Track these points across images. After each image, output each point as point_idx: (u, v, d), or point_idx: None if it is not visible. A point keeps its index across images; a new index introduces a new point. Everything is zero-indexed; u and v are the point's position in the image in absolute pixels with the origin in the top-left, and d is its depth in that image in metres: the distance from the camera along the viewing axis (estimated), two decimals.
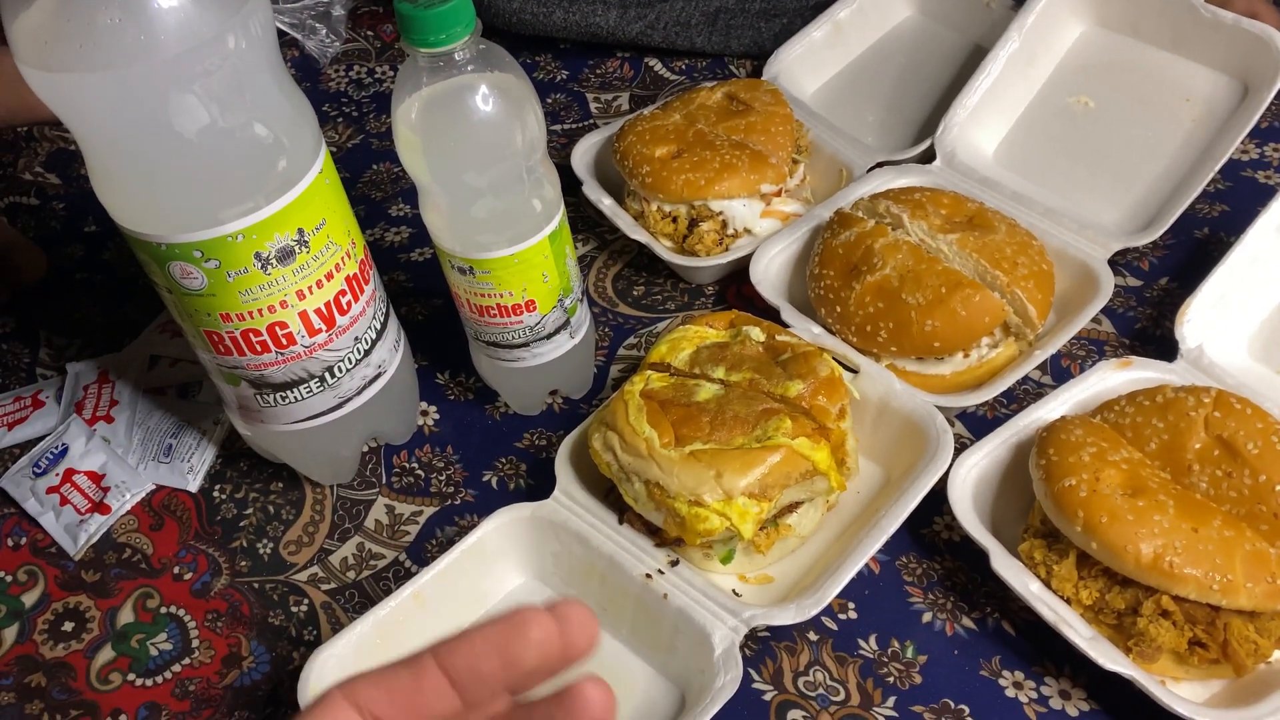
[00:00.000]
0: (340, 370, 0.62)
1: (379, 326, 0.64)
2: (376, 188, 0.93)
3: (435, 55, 0.55)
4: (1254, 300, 0.66)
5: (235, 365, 0.60)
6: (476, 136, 0.57)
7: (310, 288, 0.58)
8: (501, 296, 0.63)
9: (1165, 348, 0.67)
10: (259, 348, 0.59)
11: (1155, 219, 0.73)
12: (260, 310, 0.57)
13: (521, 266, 0.62)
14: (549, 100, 1.00)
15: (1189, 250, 0.77)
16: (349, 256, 0.60)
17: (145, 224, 0.54)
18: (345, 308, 0.61)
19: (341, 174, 0.97)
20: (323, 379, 0.62)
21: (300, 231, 0.56)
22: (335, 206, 0.59)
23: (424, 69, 0.56)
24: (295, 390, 0.61)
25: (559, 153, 0.92)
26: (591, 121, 0.97)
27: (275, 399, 0.62)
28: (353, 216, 0.62)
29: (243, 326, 0.58)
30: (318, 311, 0.59)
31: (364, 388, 0.64)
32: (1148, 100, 0.78)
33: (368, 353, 0.63)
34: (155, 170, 0.52)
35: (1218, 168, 0.72)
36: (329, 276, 0.59)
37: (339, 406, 0.63)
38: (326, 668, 0.56)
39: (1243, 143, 0.72)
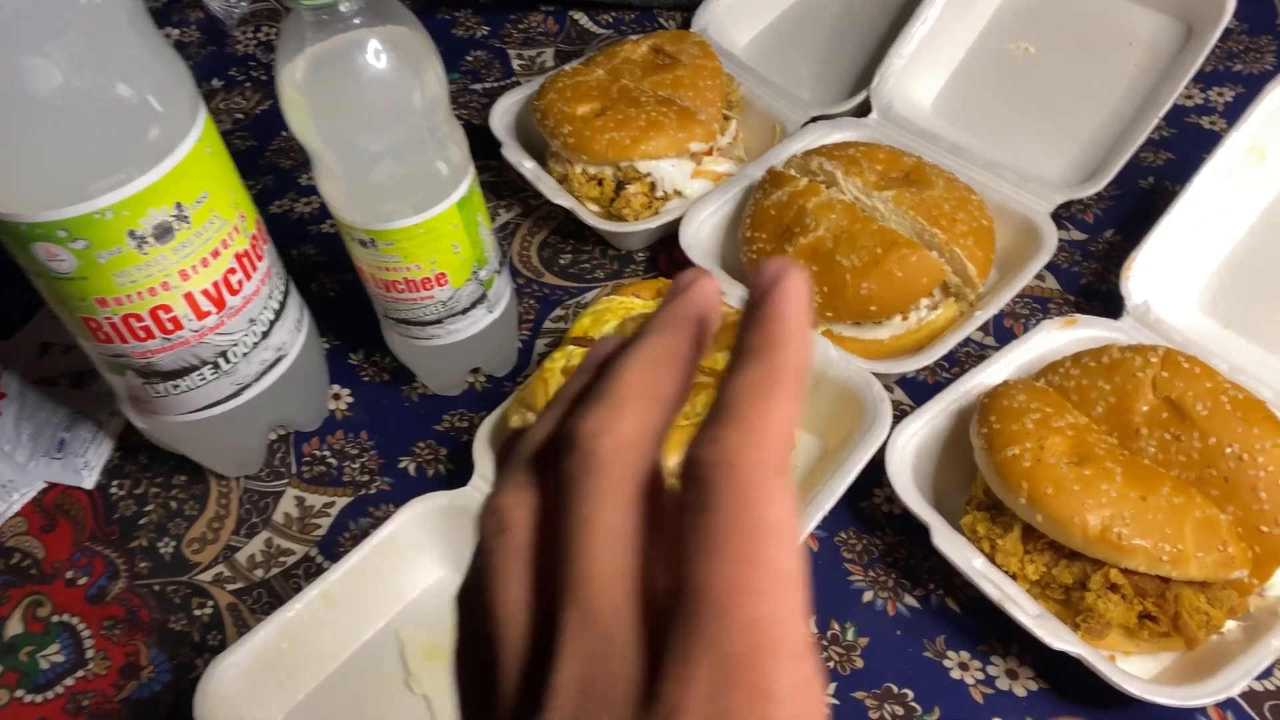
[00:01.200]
0: (235, 355, 0.57)
1: (277, 306, 0.59)
2: (286, 155, 0.87)
3: (319, 8, 0.50)
4: (1201, 252, 0.64)
5: (119, 353, 0.55)
6: (369, 97, 0.52)
7: (195, 267, 0.53)
8: (409, 270, 0.59)
9: (1112, 303, 0.64)
10: (142, 334, 0.54)
11: (1099, 169, 0.70)
12: (140, 293, 0.52)
13: (429, 237, 0.57)
14: (469, 57, 0.95)
15: (1135, 201, 0.74)
16: (238, 231, 0.56)
17: (2, 202, 0.48)
18: (236, 287, 0.56)
19: (249, 142, 0.92)
20: (217, 365, 0.57)
21: (179, 206, 0.51)
22: (219, 177, 0.54)
23: (308, 24, 0.50)
24: (187, 378, 0.57)
25: (479, 114, 0.87)
26: (514, 79, 0.92)
27: (166, 388, 0.57)
28: (242, 188, 0.57)
29: (122, 311, 0.53)
30: (205, 293, 0.54)
31: (264, 372, 0.60)
32: (1089, 45, 0.75)
33: (266, 335, 0.59)
34: (8, 141, 0.47)
35: (1162, 114, 0.69)
36: (215, 254, 0.54)
37: (237, 394, 0.59)
38: (227, 678, 0.52)
39: (1187, 87, 0.69)
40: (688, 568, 0.20)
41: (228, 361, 0.57)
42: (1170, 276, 0.63)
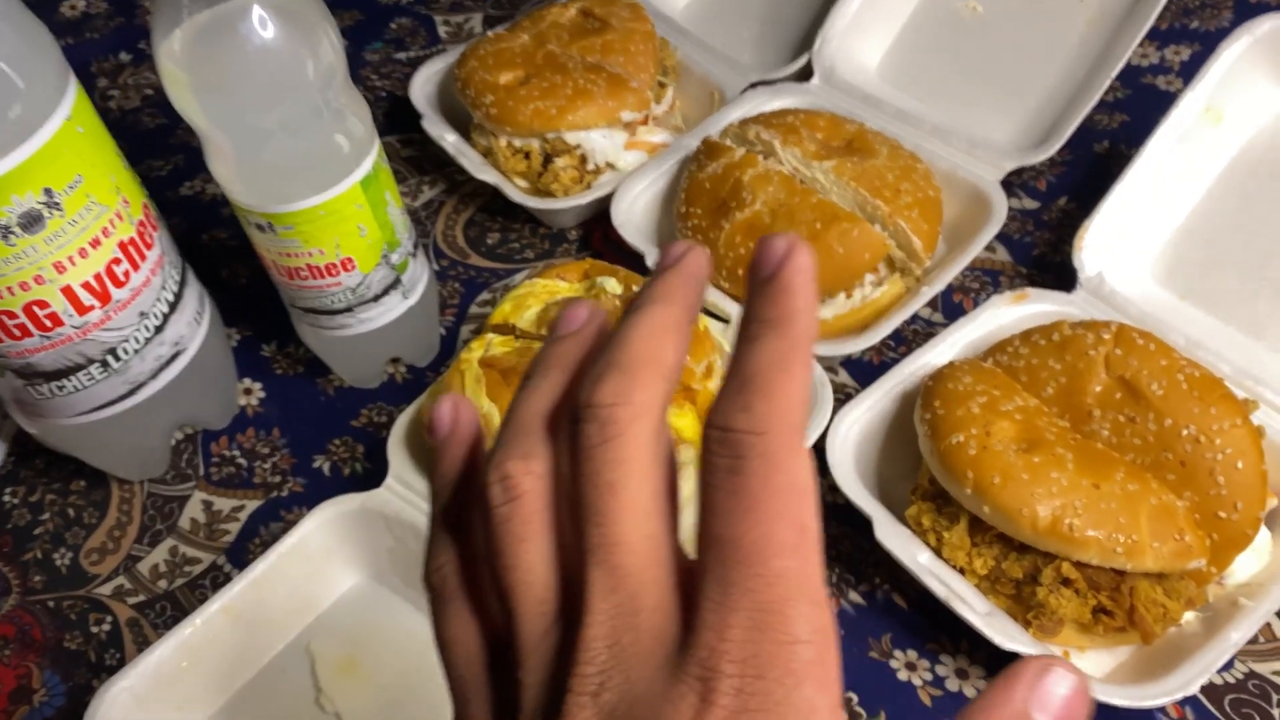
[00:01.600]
0: (126, 352, 0.53)
1: (171, 297, 0.55)
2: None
3: None
4: (1156, 220, 0.60)
5: None
6: (256, 69, 0.47)
7: (71, 258, 0.49)
8: (311, 255, 0.54)
9: (1066, 275, 0.61)
10: (17, 332, 0.49)
11: (1051, 133, 0.67)
12: (10, 288, 0.48)
13: (331, 219, 0.53)
14: (392, 25, 0.89)
15: (1088, 166, 0.71)
16: (121, 218, 0.51)
17: None
18: (122, 279, 0.51)
19: (159, 119, 0.86)
20: (105, 363, 0.52)
21: (48, 192, 0.47)
22: (95, 159, 0.49)
23: None
24: (73, 378, 0.52)
25: (404, 85, 0.83)
26: (441, 47, 0.87)
27: (50, 389, 0.52)
28: (125, 170, 0.52)
29: None
30: (86, 286, 0.50)
31: (160, 369, 0.55)
32: (1039, 2, 0.71)
33: (160, 329, 0.54)
34: None
35: (1115, 74, 0.66)
36: (95, 244, 0.50)
37: (131, 393, 0.55)
38: (119, 704, 0.48)
39: (1142, 46, 0.66)
40: (721, 524, 0.22)
41: (117, 359, 0.53)
42: (1125, 246, 0.60)
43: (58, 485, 0.61)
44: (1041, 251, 0.66)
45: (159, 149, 0.81)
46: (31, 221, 0.47)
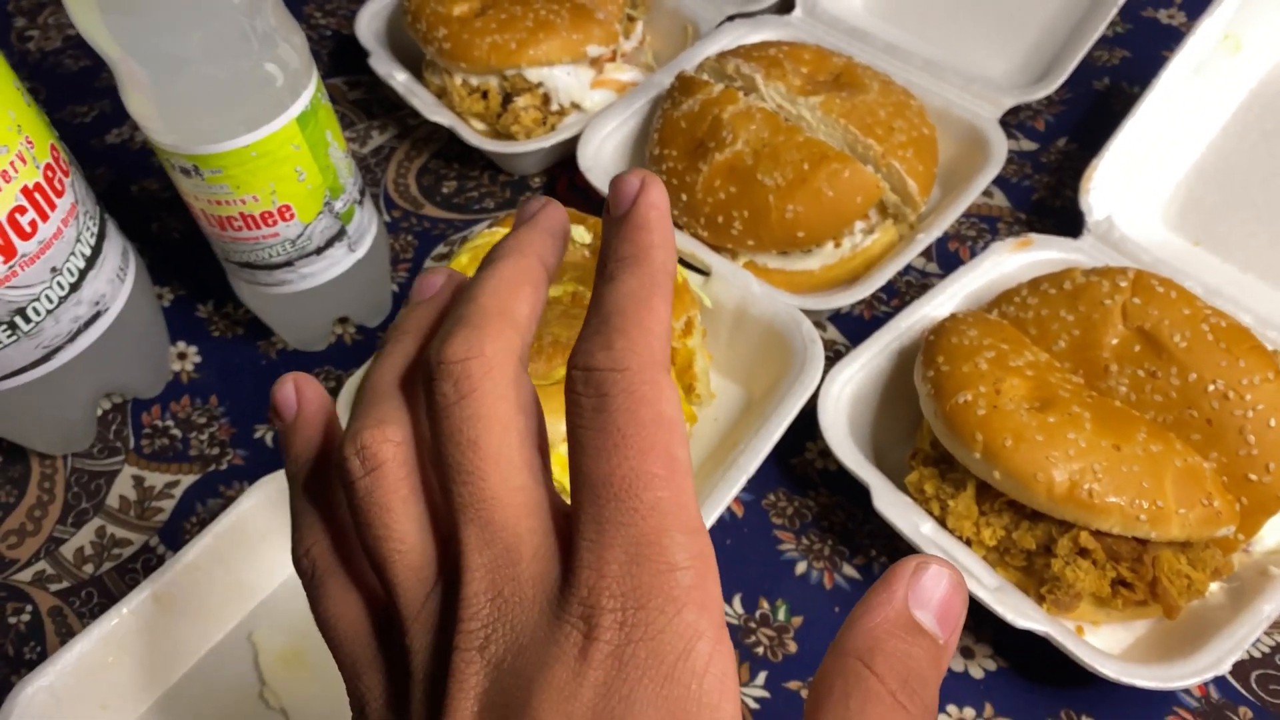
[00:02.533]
0: (37, 312, 0.47)
1: (88, 252, 0.49)
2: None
3: None
4: (1167, 160, 0.56)
5: None
6: None
7: None
8: (244, 203, 0.48)
9: (1068, 221, 0.56)
10: None
11: (1050, 70, 0.62)
12: None
13: (264, 161, 0.47)
14: None
15: (1089, 105, 0.67)
16: (23, 160, 0.45)
17: None
18: (28, 230, 0.46)
19: (82, 62, 0.79)
20: (13, 325, 0.47)
21: None
22: None
23: None
24: None
25: (348, 22, 0.76)
26: None
27: None
28: (28, 106, 0.46)
29: None
30: None
31: (78, 332, 0.50)
32: None
33: (75, 286, 0.48)
34: None
35: (1118, 7, 0.61)
36: None
37: (46, 359, 0.49)
38: (35, 704, 0.43)
39: None
40: (592, 463, 0.22)
41: (27, 320, 0.47)
42: (1135, 188, 0.55)
43: None
44: (1041, 196, 0.62)
45: (83, 93, 0.75)
46: None
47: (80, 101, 0.74)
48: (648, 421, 0.22)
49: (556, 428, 0.43)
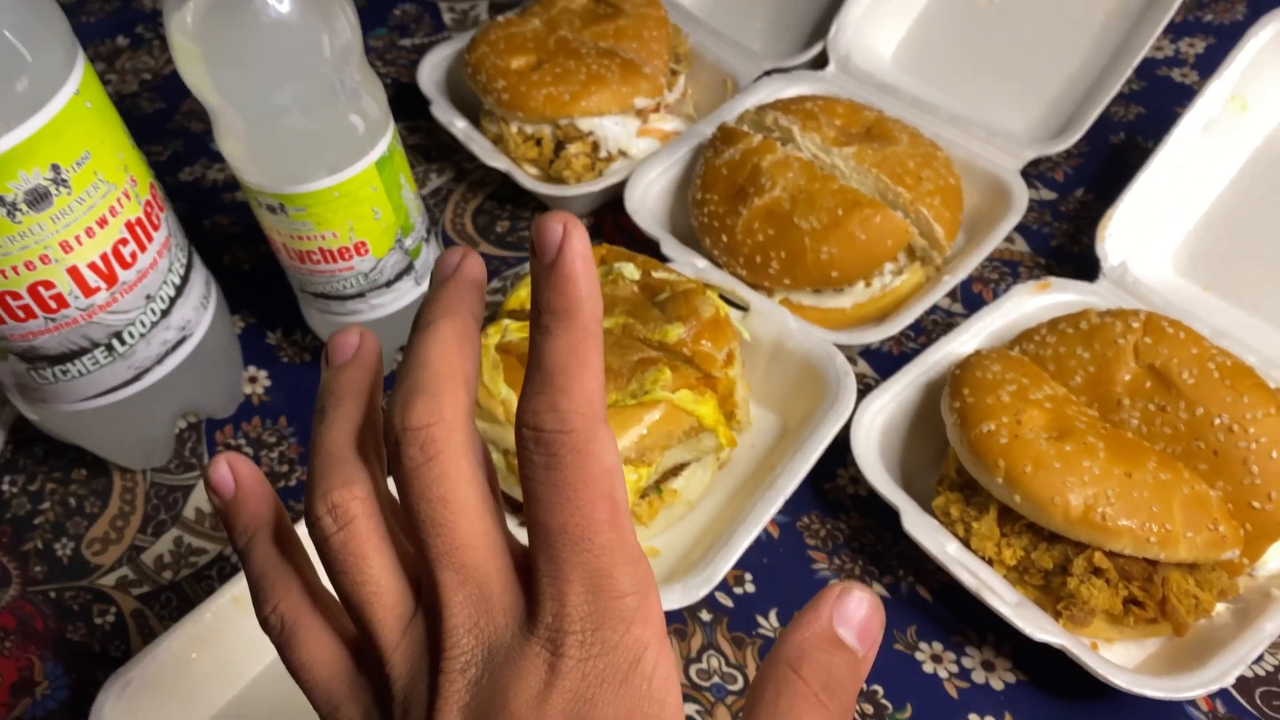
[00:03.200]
0: (132, 336, 0.52)
1: (178, 281, 0.54)
2: (197, 118, 0.81)
3: None
4: (1178, 210, 0.60)
5: None
6: (271, 43, 0.46)
7: (78, 237, 0.47)
8: (324, 239, 0.53)
9: (1084, 266, 0.60)
10: (21, 313, 0.48)
11: (1069, 124, 0.66)
12: (15, 268, 0.46)
13: (345, 201, 0.52)
14: (396, 11, 0.88)
15: (1105, 158, 0.70)
16: (128, 197, 0.50)
17: None
18: (129, 260, 0.50)
19: (157, 104, 0.85)
20: (110, 347, 0.51)
21: (55, 168, 0.45)
22: (103, 136, 0.48)
23: None
24: (77, 362, 0.51)
25: (408, 71, 0.81)
26: (445, 34, 0.86)
27: (54, 374, 0.51)
28: (133, 148, 0.51)
29: None
30: (93, 266, 0.48)
31: (166, 355, 0.54)
32: None
33: (166, 313, 0.53)
34: None
35: (1134, 66, 0.65)
36: (102, 223, 0.48)
37: (136, 379, 0.53)
38: (126, 696, 0.46)
39: (1157, 38, 0.65)
40: (547, 514, 0.25)
41: (123, 343, 0.51)
42: (1148, 236, 0.59)
43: (58, 474, 0.60)
44: (1060, 242, 0.66)
45: (158, 134, 0.80)
46: (38, 198, 0.45)
47: (155, 142, 0.79)
48: (593, 474, 0.25)
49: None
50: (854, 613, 0.27)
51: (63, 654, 0.53)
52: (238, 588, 0.49)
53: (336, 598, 0.29)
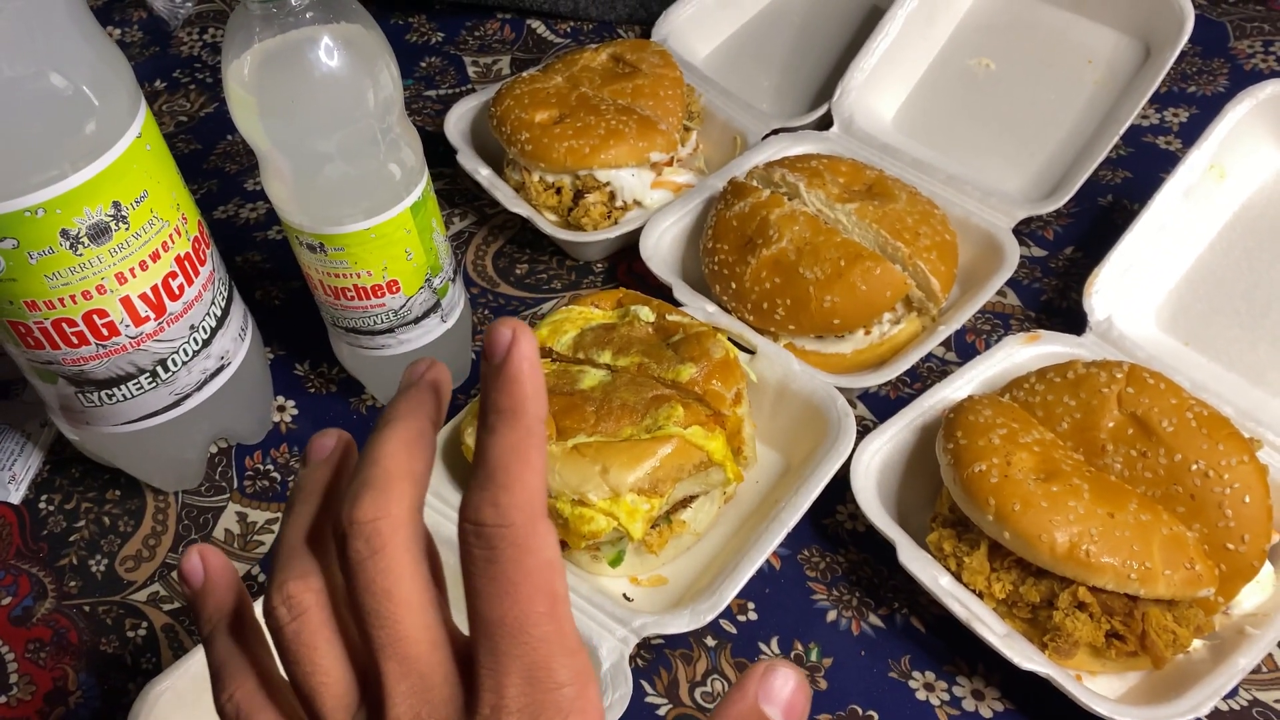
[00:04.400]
0: (175, 363, 0.55)
1: (219, 313, 0.57)
2: (231, 160, 0.85)
3: (268, 1, 0.48)
4: (1161, 270, 0.64)
5: (49, 360, 0.52)
6: (320, 95, 0.50)
7: (133, 270, 0.51)
8: (359, 277, 0.56)
9: (1072, 320, 0.63)
10: (75, 340, 0.51)
11: (1059, 186, 0.70)
12: (73, 297, 0.50)
13: (380, 242, 0.55)
14: (422, 64, 0.93)
15: (1093, 218, 0.74)
16: (179, 234, 0.53)
17: None
18: (177, 292, 0.53)
19: (193, 145, 0.89)
20: (155, 373, 0.54)
21: (116, 205, 0.49)
22: (160, 176, 0.52)
23: (257, 18, 0.49)
24: (123, 387, 0.54)
25: (433, 120, 0.85)
26: (470, 87, 0.90)
27: (100, 397, 0.54)
28: (184, 188, 0.55)
29: (54, 315, 0.50)
30: (144, 297, 0.52)
31: (205, 382, 0.57)
32: (1050, 62, 0.75)
33: (207, 343, 0.56)
34: None
35: (1121, 132, 0.69)
36: (155, 257, 0.52)
37: (176, 404, 0.56)
38: (161, 704, 0.49)
39: (1143, 107, 0.69)
40: (487, 607, 0.26)
41: (166, 370, 0.55)
42: (1132, 293, 0.63)
43: (93, 494, 0.63)
44: (1049, 297, 0.69)
45: (193, 174, 0.84)
46: (99, 233, 0.49)
47: (190, 181, 0.82)
48: (532, 569, 0.26)
49: (623, 477, 0.51)
50: (779, 690, 0.28)
51: (96, 665, 0.55)
52: None
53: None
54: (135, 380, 0.54)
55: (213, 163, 0.85)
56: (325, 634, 0.28)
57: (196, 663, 0.50)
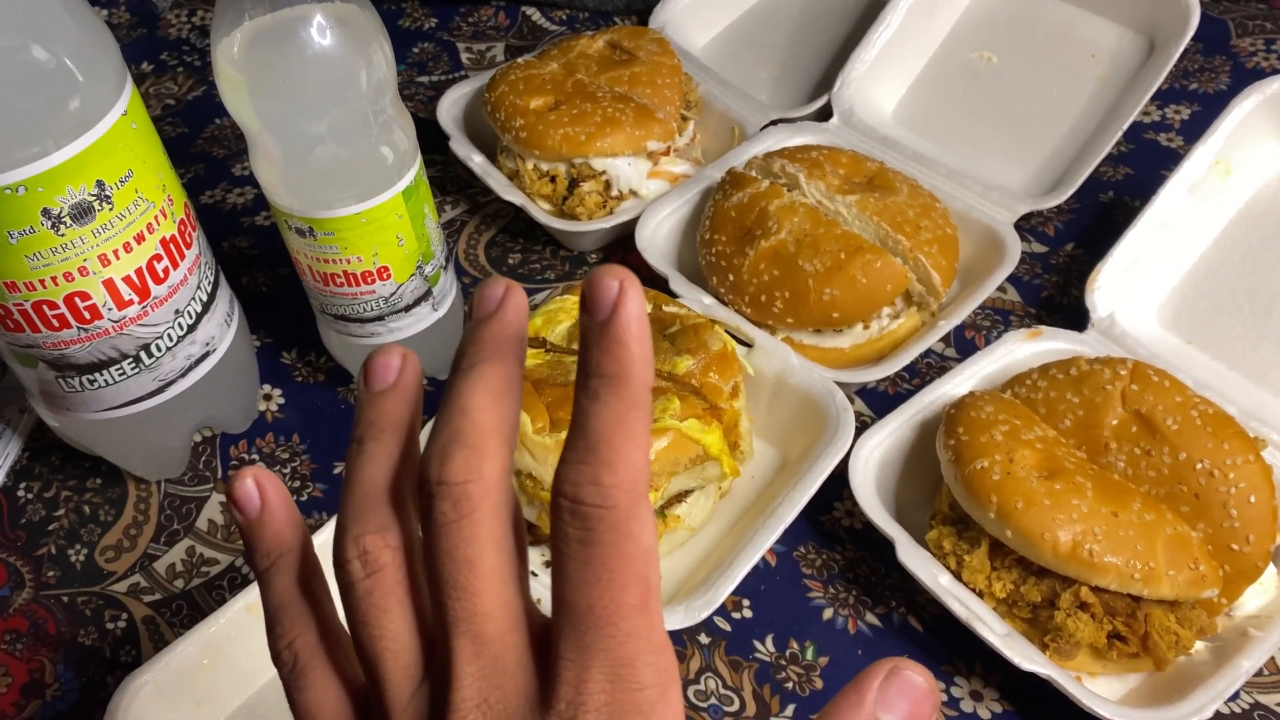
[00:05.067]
0: (159, 349, 0.53)
1: (205, 298, 0.55)
2: (219, 144, 0.83)
3: None
4: (1164, 267, 0.63)
5: (29, 344, 0.51)
6: (311, 75, 0.49)
7: (116, 252, 0.49)
8: (349, 262, 0.55)
9: (1073, 317, 0.63)
10: (56, 323, 0.50)
11: (1061, 182, 0.69)
12: (54, 278, 0.48)
13: (371, 227, 0.54)
14: (415, 49, 0.91)
15: (1094, 215, 0.74)
16: (164, 216, 0.52)
17: None
18: (162, 275, 0.52)
19: (180, 129, 0.87)
20: (138, 359, 0.53)
21: (100, 184, 0.47)
22: (145, 156, 0.50)
23: None
24: (105, 372, 0.52)
25: (426, 107, 0.84)
26: (463, 73, 0.89)
27: (81, 383, 0.53)
28: (170, 169, 0.53)
29: (34, 298, 0.48)
30: (127, 280, 0.50)
31: (189, 369, 0.55)
32: (1052, 56, 0.74)
33: (192, 328, 0.55)
34: None
35: (1124, 129, 0.69)
36: (139, 239, 0.50)
37: (160, 391, 0.55)
38: (141, 697, 0.47)
39: (1145, 104, 0.68)
40: (575, 592, 0.24)
41: (150, 355, 0.53)
42: (1134, 291, 0.62)
43: (73, 482, 0.61)
44: (1050, 293, 0.69)
45: (180, 158, 0.82)
46: (82, 213, 0.47)
47: (177, 165, 0.80)
48: (630, 556, 0.23)
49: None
50: (899, 697, 0.25)
51: (74, 657, 0.54)
52: (251, 596, 0.50)
53: (350, 637, 0.28)
54: (118, 365, 0.52)
55: (200, 147, 0.83)
56: (398, 595, 0.26)
57: (177, 656, 0.48)
